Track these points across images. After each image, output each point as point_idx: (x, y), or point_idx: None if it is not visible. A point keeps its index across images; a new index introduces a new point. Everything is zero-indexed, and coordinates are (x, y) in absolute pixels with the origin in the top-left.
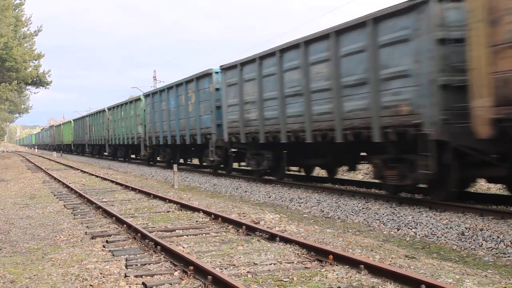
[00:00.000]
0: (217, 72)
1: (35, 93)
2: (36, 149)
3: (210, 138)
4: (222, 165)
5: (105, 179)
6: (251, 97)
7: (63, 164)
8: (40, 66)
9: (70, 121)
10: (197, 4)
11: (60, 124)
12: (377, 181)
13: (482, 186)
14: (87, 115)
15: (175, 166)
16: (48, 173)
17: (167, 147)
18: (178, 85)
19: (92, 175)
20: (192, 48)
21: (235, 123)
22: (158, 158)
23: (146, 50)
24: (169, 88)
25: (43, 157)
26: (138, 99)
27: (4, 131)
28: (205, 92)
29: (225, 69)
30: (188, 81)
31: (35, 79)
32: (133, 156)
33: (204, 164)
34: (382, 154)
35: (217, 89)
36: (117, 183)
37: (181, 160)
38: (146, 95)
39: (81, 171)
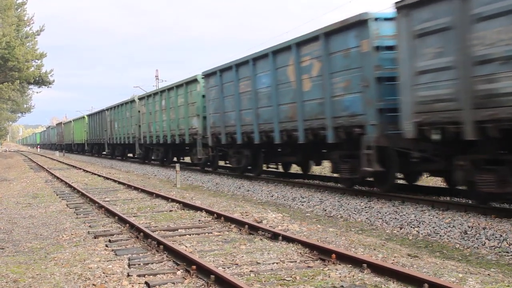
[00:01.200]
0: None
1: (37, 92)
2: (38, 149)
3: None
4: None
5: (107, 178)
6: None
7: (66, 164)
8: (43, 65)
9: (84, 117)
10: (197, 2)
11: (70, 121)
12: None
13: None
14: (107, 108)
15: (177, 165)
16: (51, 173)
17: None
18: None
19: (95, 174)
20: (193, 47)
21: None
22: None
23: (148, 49)
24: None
25: (46, 157)
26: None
27: (7, 131)
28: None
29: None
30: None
31: (37, 79)
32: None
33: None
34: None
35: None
36: (119, 182)
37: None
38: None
39: (84, 170)
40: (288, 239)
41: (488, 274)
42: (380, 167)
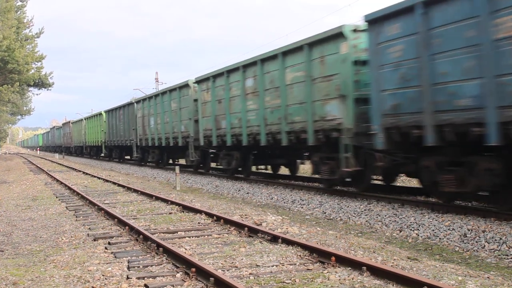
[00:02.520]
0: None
1: (37, 94)
2: (38, 151)
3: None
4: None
5: (107, 180)
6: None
7: (65, 166)
8: (42, 67)
9: (101, 113)
10: (198, 5)
11: (82, 119)
12: (378, 182)
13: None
14: (138, 100)
15: (177, 168)
16: (50, 175)
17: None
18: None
19: (94, 176)
20: (193, 49)
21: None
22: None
23: (148, 51)
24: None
25: (45, 159)
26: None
27: (6, 133)
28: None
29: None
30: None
31: (37, 81)
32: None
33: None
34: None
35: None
36: (119, 185)
37: (170, 161)
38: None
39: (83, 172)
40: (288, 242)
41: (488, 277)
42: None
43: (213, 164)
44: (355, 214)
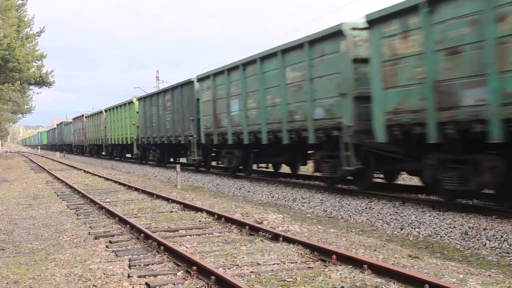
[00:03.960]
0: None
1: (38, 93)
2: (39, 150)
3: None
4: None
5: (108, 179)
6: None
7: (66, 165)
8: (43, 66)
9: (132, 101)
10: (198, 4)
11: (101, 112)
12: (379, 181)
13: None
14: (201, 77)
15: (178, 166)
16: (51, 174)
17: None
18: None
19: (95, 175)
20: (193, 48)
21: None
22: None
23: (149, 50)
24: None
25: (46, 158)
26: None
27: (7, 132)
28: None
29: (201, 79)
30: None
31: (38, 79)
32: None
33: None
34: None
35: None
36: (120, 183)
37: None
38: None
39: (84, 171)
40: (289, 240)
41: (489, 275)
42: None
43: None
44: (356, 212)
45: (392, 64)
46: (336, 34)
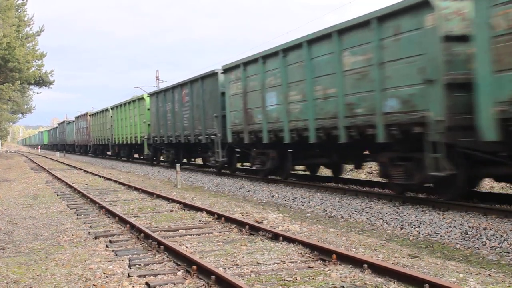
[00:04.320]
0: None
1: (38, 93)
2: (39, 149)
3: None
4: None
5: (108, 179)
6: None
7: (66, 164)
8: (43, 65)
9: (142, 98)
10: (198, 4)
11: (107, 109)
12: (380, 180)
13: (486, 185)
14: (225, 68)
15: (178, 165)
16: (51, 173)
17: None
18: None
19: (95, 175)
20: (193, 48)
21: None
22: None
23: (149, 50)
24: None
25: (46, 157)
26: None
27: (7, 132)
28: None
29: (227, 69)
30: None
31: (37, 79)
32: None
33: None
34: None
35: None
36: (120, 183)
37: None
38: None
39: (84, 171)
40: (289, 240)
41: (489, 275)
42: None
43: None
44: (356, 211)
45: (510, 40)
46: (418, 6)
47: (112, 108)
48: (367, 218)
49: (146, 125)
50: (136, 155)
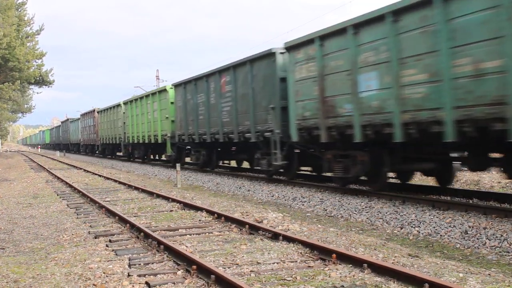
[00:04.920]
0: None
1: (38, 93)
2: (39, 149)
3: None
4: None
5: (108, 178)
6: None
7: (66, 164)
8: (43, 65)
9: (164, 89)
10: (199, 4)
11: (119, 104)
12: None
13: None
14: (288, 46)
15: (178, 165)
16: (51, 173)
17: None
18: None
19: (95, 174)
20: (193, 48)
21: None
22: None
23: (149, 49)
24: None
25: (46, 157)
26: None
27: (7, 131)
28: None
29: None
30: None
31: (37, 78)
32: None
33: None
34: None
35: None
36: (120, 182)
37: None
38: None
39: (84, 170)
40: (289, 239)
41: (489, 274)
42: None
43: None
44: (356, 211)
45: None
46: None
47: (125, 103)
48: (367, 218)
49: (169, 122)
50: (152, 156)
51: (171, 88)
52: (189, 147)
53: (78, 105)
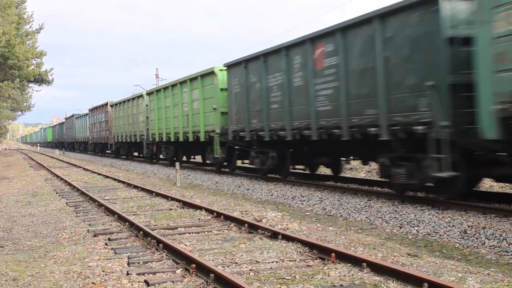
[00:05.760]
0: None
1: (37, 91)
2: (38, 147)
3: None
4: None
5: (107, 176)
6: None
7: (66, 162)
8: (43, 64)
9: (213, 71)
10: (198, 2)
11: (141, 95)
12: (379, 179)
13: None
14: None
15: (177, 164)
16: (51, 171)
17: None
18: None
19: (94, 172)
20: (193, 47)
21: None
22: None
23: (148, 48)
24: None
25: (46, 155)
26: None
27: (7, 129)
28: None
29: (149, 93)
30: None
31: (37, 77)
32: None
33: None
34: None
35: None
36: (119, 181)
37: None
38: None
39: (84, 169)
40: (288, 238)
41: (488, 274)
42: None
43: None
44: (355, 210)
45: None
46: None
47: (148, 94)
48: (366, 217)
49: (217, 114)
50: (185, 157)
51: (222, 70)
52: (240, 147)
53: (78, 104)
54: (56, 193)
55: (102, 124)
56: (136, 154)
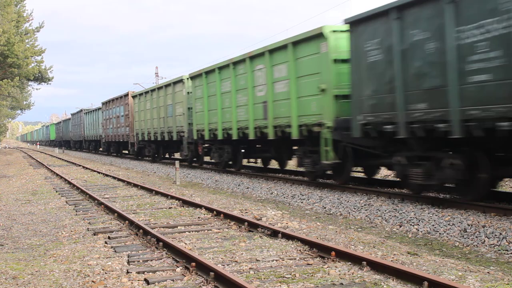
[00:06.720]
0: (188, 78)
1: (37, 89)
2: (38, 145)
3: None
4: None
5: (107, 175)
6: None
7: (65, 160)
8: (42, 62)
9: (321, 34)
10: (199, 0)
11: (181, 79)
12: (378, 178)
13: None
14: None
15: (177, 162)
16: (50, 169)
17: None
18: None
19: (94, 171)
20: (193, 44)
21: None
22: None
23: (148, 46)
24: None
25: (45, 153)
26: None
27: (6, 128)
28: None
29: (193, 77)
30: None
31: (37, 75)
32: None
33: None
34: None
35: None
36: (119, 179)
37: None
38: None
39: (83, 167)
40: (288, 237)
41: (488, 272)
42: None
43: None
44: (355, 209)
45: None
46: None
47: (193, 77)
48: (366, 216)
49: (327, 98)
50: (246, 159)
51: (338, 31)
52: (371, 149)
53: (77, 102)
54: (56, 192)
55: (119, 119)
56: (167, 155)
